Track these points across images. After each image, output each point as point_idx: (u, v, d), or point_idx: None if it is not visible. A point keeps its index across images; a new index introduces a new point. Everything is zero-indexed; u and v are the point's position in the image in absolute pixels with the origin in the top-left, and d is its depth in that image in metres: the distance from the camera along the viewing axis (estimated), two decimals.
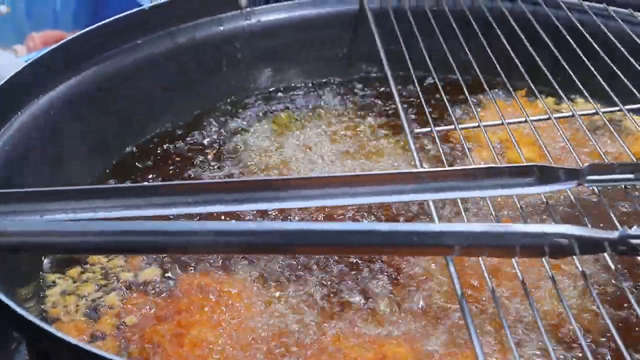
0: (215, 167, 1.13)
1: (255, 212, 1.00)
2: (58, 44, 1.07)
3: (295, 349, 0.81)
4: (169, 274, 0.92)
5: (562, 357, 0.79)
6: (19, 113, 0.99)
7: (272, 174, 1.10)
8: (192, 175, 1.11)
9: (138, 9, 1.18)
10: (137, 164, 1.14)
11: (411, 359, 0.79)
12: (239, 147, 1.17)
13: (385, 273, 0.91)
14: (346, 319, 0.85)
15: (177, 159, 1.15)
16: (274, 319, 0.85)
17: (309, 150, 1.15)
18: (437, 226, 0.74)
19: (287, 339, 0.82)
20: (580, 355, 0.79)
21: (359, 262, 0.93)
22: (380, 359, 0.78)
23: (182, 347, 0.80)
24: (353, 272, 0.91)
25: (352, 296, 0.88)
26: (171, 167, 1.13)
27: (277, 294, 0.88)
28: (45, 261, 0.95)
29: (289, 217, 1.01)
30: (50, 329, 0.65)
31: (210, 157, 1.15)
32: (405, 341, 0.81)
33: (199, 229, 0.69)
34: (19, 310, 0.66)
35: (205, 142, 1.19)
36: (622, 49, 1.14)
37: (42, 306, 0.89)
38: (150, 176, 1.11)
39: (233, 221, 0.97)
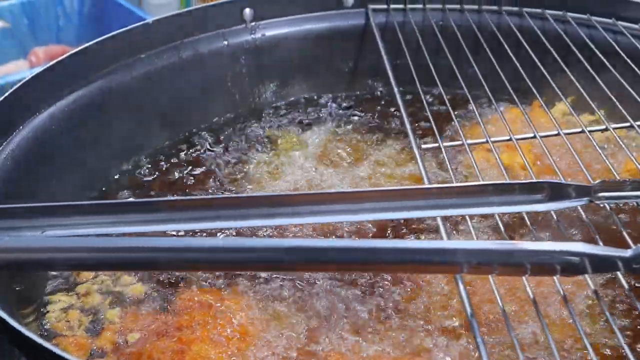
0: (219, 184, 1.12)
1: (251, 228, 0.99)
2: (60, 58, 1.07)
3: None
4: (170, 290, 0.91)
5: None
6: (21, 128, 0.99)
7: (275, 191, 1.09)
8: (195, 192, 1.11)
9: (141, 22, 1.18)
10: (138, 179, 1.14)
11: None
12: (242, 163, 1.17)
13: (391, 289, 0.90)
14: (348, 337, 0.84)
15: (178, 175, 1.15)
16: (277, 336, 0.84)
17: (313, 166, 1.15)
18: (445, 243, 0.74)
19: (289, 358, 0.81)
20: None
21: (363, 278, 0.92)
22: None
23: None
24: (357, 289, 0.90)
25: (356, 314, 0.87)
26: (172, 183, 1.13)
27: (280, 310, 0.88)
28: (47, 275, 0.94)
29: (285, 234, 1.00)
30: (50, 346, 0.64)
31: (212, 173, 1.15)
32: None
33: (202, 246, 0.68)
34: (17, 326, 0.66)
35: (208, 158, 1.18)
36: (631, 63, 1.13)
37: (43, 321, 0.89)
38: (152, 192, 1.11)
39: (236, 238, 0.96)
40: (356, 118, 1.29)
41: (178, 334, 0.83)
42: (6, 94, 0.96)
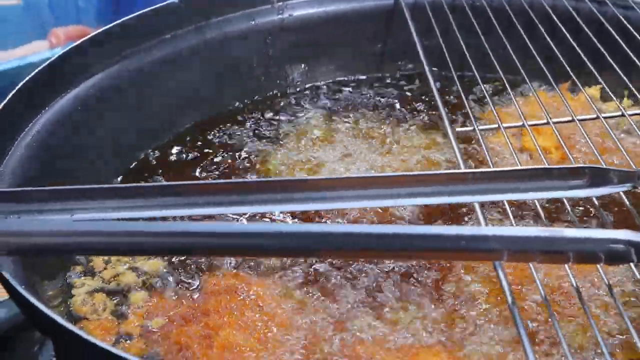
0: (242, 168, 1.11)
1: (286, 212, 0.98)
2: (82, 39, 1.06)
3: (327, 354, 0.79)
4: (197, 275, 0.91)
5: None
6: (46, 109, 0.98)
7: (305, 175, 1.08)
8: (220, 176, 1.09)
9: (166, 2, 1.17)
10: (165, 161, 1.13)
11: None
12: (268, 147, 1.16)
13: (422, 276, 0.89)
14: (378, 325, 0.83)
15: (204, 158, 1.14)
16: (304, 322, 0.83)
17: (343, 150, 1.13)
18: (485, 230, 0.72)
19: (318, 344, 0.80)
20: None
21: (392, 264, 0.90)
22: None
23: (211, 349, 0.79)
24: (386, 275, 0.89)
25: (386, 300, 0.86)
26: (198, 166, 1.12)
27: (308, 296, 0.87)
28: (72, 259, 0.93)
29: (322, 220, 0.98)
30: (77, 330, 0.63)
31: (238, 156, 1.14)
32: (443, 349, 0.79)
33: (231, 231, 0.67)
34: (44, 309, 0.65)
35: (233, 142, 1.17)
36: None
37: (69, 305, 0.88)
38: (179, 175, 1.10)
39: (271, 222, 0.95)
40: (385, 100, 1.27)
41: (205, 319, 0.83)
42: (31, 75, 0.95)
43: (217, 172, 1.10)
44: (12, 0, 1.94)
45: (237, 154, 1.14)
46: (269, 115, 1.24)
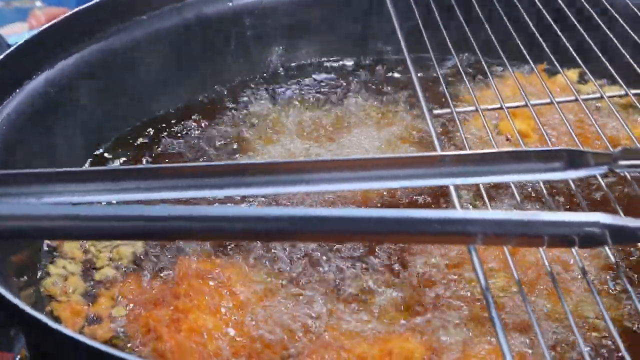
0: (219, 150, 1.09)
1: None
2: (58, 19, 1.04)
3: (297, 341, 0.78)
4: (167, 259, 0.89)
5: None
6: (17, 91, 0.96)
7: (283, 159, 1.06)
8: (196, 158, 1.08)
9: None
10: (136, 145, 1.11)
11: (419, 354, 0.75)
12: (247, 130, 1.13)
13: (392, 261, 0.87)
14: (348, 312, 0.81)
15: (178, 141, 1.12)
16: (275, 307, 0.81)
17: (323, 132, 1.12)
18: (459, 213, 0.71)
19: (289, 331, 0.79)
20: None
21: (362, 248, 0.89)
22: (387, 354, 0.75)
23: (180, 332, 0.78)
24: (357, 259, 0.88)
25: (356, 287, 0.84)
26: (173, 150, 1.10)
27: (278, 281, 0.85)
28: (44, 242, 0.92)
29: (296, 204, 0.97)
30: (38, 314, 0.62)
31: (215, 140, 1.11)
32: (414, 335, 0.77)
33: (199, 215, 0.65)
34: (9, 297, 0.63)
35: (210, 125, 1.15)
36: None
37: (40, 288, 0.87)
38: (152, 158, 1.08)
39: (238, 206, 0.93)
40: (363, 83, 1.25)
41: (175, 302, 0.81)
42: (1, 56, 0.93)
43: (192, 156, 1.08)
44: None
45: (214, 138, 1.12)
46: (246, 98, 1.22)
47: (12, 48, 0.95)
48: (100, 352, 0.59)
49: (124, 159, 1.08)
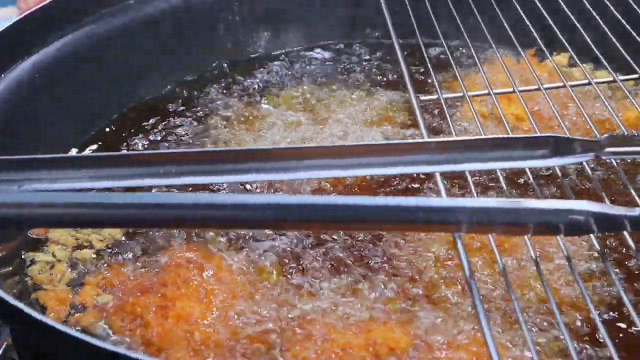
0: (204, 136, 1.08)
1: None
2: (43, 3, 1.02)
3: (283, 331, 0.77)
4: (155, 247, 0.88)
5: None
6: (2, 76, 0.94)
7: (270, 144, 1.04)
8: (181, 145, 1.06)
9: None
10: (122, 130, 1.09)
11: (404, 344, 0.74)
12: (232, 114, 1.12)
13: (377, 251, 0.86)
14: (334, 300, 0.80)
15: (164, 126, 1.10)
16: (260, 296, 0.81)
17: (311, 116, 1.10)
18: (444, 201, 0.69)
19: (273, 319, 0.78)
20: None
21: (349, 238, 0.88)
22: (371, 344, 0.74)
23: (166, 319, 0.77)
24: (341, 249, 0.87)
25: (341, 276, 0.83)
26: (158, 136, 1.08)
27: (265, 271, 0.84)
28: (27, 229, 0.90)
29: (278, 191, 0.96)
30: (24, 307, 0.60)
31: (199, 125, 1.10)
32: (397, 325, 0.76)
33: (182, 202, 0.64)
34: None
35: (197, 110, 1.14)
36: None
37: (25, 277, 0.86)
38: (137, 144, 1.06)
39: (224, 194, 0.92)
40: (351, 67, 1.24)
41: (162, 290, 0.80)
42: None
43: (178, 141, 1.07)
44: None
45: (200, 123, 1.11)
46: (235, 81, 1.20)
47: None
48: (84, 343, 0.58)
49: (107, 146, 1.07)
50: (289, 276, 0.83)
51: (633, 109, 0.96)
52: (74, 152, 1.03)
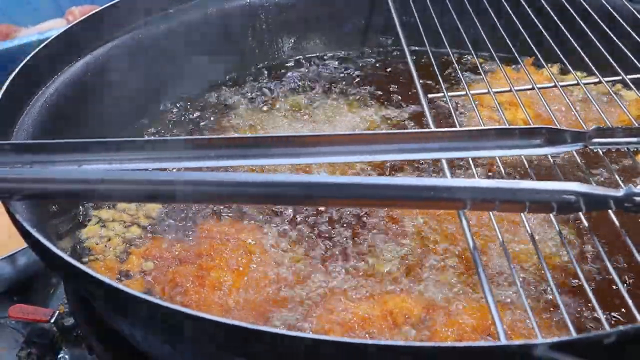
0: (235, 129, 1.10)
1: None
2: (92, 12, 1.05)
3: (306, 299, 0.78)
4: (191, 220, 0.90)
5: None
6: (59, 74, 0.97)
7: None
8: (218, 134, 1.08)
9: None
10: (160, 123, 1.12)
11: (417, 312, 0.76)
12: (259, 113, 1.14)
13: (382, 228, 0.88)
14: (352, 274, 0.81)
15: (198, 121, 1.13)
16: (286, 269, 0.82)
17: (325, 118, 1.12)
18: (451, 181, 0.72)
19: (296, 290, 0.79)
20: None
21: (365, 216, 0.90)
22: (388, 313, 0.75)
23: (203, 287, 0.79)
24: (358, 227, 0.88)
25: (359, 252, 0.85)
26: (190, 127, 1.12)
27: (290, 246, 0.86)
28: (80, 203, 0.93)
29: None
30: (83, 267, 0.62)
31: (232, 120, 1.12)
32: (408, 295, 0.78)
33: (231, 180, 0.67)
34: (49, 245, 0.64)
35: (228, 107, 1.16)
36: (622, 22, 1.10)
37: (77, 245, 0.88)
38: (179, 132, 1.10)
39: (257, 174, 0.94)
40: (365, 73, 1.25)
41: (198, 261, 0.82)
42: (45, 43, 0.94)
43: (209, 132, 1.10)
44: None
45: (229, 117, 1.13)
46: (260, 84, 1.22)
47: (52, 37, 0.96)
48: (137, 298, 0.59)
49: (154, 131, 1.10)
50: (311, 251, 0.85)
51: (616, 106, 0.98)
52: None
